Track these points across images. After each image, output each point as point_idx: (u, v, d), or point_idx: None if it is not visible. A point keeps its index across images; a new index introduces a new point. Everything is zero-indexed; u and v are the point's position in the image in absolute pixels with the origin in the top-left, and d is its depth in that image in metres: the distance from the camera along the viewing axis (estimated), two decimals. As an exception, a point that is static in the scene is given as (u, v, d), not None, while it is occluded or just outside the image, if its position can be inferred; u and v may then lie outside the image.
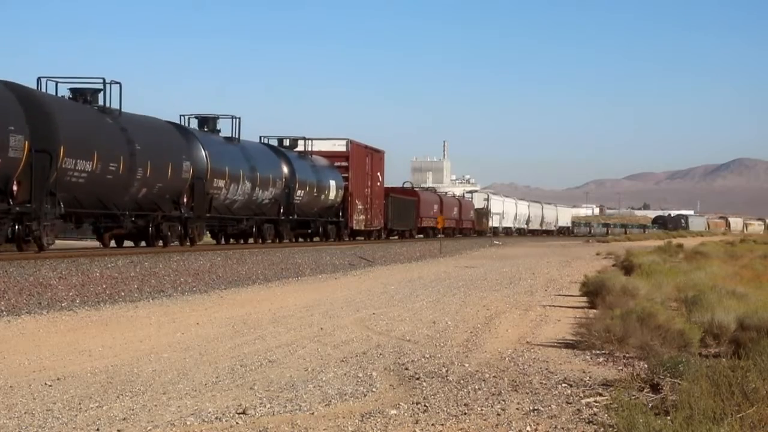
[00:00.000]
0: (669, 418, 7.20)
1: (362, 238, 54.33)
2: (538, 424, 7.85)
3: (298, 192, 42.34)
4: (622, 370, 10.61)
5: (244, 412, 8.20)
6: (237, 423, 7.87)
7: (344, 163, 49.40)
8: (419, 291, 22.70)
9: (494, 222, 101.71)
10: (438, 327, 14.80)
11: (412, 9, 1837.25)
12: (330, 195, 46.30)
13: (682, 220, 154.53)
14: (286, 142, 45.45)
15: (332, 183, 46.56)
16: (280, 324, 15.05)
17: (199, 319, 15.81)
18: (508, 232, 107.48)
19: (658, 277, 21.62)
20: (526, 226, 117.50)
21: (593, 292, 18.86)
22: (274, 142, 44.98)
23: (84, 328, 14.47)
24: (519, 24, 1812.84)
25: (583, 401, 8.76)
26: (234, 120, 38.35)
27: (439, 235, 73.97)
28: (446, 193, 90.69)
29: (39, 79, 27.09)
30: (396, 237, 63.25)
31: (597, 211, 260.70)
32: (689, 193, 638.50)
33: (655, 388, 9.05)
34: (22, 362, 11.02)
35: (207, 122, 37.33)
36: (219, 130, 37.62)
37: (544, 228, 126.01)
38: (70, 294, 18.42)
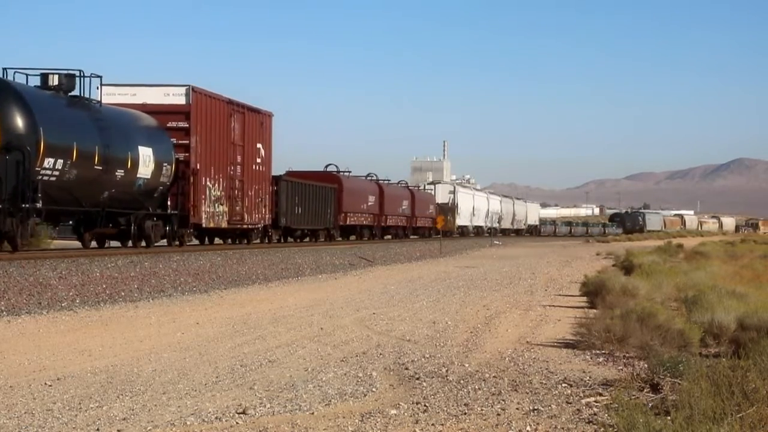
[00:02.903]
0: (669, 418, 7.20)
1: (243, 241, 38.61)
2: (538, 424, 7.85)
3: (49, 161, 24.23)
4: (622, 370, 10.61)
5: (244, 412, 8.20)
6: (237, 423, 7.87)
7: (183, 124, 31.71)
8: (419, 291, 22.70)
9: (463, 220, 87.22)
10: (438, 327, 14.80)
11: (412, 9, 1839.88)
12: (141, 171, 28.73)
13: (639, 218, 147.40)
14: (54, 80, 26.32)
15: (145, 152, 28.95)
16: (280, 324, 15.05)
17: (199, 319, 15.82)
18: (478, 231, 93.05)
19: (658, 277, 21.60)
20: (498, 224, 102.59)
21: (593, 292, 18.87)
22: (36, 81, 26.27)
23: (84, 328, 14.47)
24: (519, 24, 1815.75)
25: (583, 401, 8.76)
26: None
27: (387, 237, 61.81)
28: (395, 182, 70.59)
29: None
30: (309, 240, 47.26)
31: (597, 211, 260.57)
32: (689, 193, 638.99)
33: (655, 388, 9.05)
34: (22, 362, 11.02)
35: None
36: None
37: (515, 227, 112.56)
38: (70, 294, 18.41)
